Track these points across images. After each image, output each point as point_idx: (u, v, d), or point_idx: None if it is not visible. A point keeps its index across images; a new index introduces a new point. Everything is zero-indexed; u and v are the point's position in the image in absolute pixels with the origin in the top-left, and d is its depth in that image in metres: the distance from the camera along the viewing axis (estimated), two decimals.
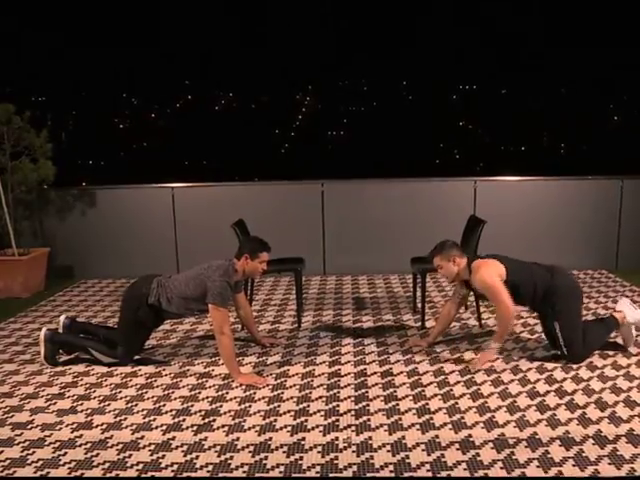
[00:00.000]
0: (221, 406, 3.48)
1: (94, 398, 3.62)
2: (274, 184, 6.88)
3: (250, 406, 3.47)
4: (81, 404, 3.54)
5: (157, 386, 3.78)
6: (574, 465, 2.79)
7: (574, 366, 3.93)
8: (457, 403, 3.44)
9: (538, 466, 2.78)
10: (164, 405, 3.51)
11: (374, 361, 4.09)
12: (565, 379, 3.75)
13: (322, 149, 52.95)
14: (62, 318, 4.37)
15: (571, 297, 3.95)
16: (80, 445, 3.06)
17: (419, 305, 4.92)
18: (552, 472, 2.73)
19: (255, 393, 3.64)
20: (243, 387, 3.72)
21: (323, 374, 3.89)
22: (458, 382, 3.73)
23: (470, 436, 3.07)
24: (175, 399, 3.58)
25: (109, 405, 3.52)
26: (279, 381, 3.80)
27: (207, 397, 3.60)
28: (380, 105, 63.16)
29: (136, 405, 3.51)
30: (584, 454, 2.88)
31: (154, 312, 4.02)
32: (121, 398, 3.61)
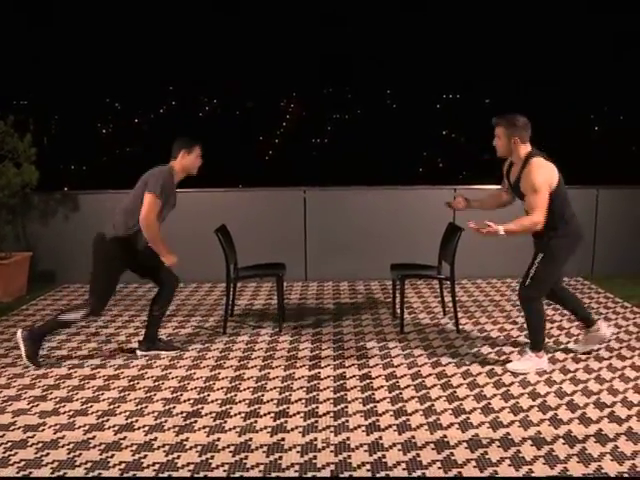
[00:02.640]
0: (202, 408, 3.54)
1: (76, 400, 3.65)
2: (256, 190, 6.95)
3: (231, 408, 3.53)
4: (63, 406, 3.58)
5: (139, 388, 3.83)
6: (544, 464, 2.89)
7: (547, 369, 4.05)
8: (433, 405, 3.53)
9: (510, 465, 2.88)
10: (146, 407, 3.56)
11: (353, 365, 4.17)
12: (538, 382, 3.86)
13: (306, 156, 53.15)
14: (19, 333, 4.19)
15: (569, 248, 3.89)
16: (63, 446, 3.10)
17: (398, 310, 5.01)
18: (523, 471, 2.83)
19: (236, 395, 3.70)
20: (224, 390, 3.78)
21: (303, 377, 3.97)
22: (435, 385, 3.82)
23: (445, 436, 3.16)
24: (157, 401, 3.63)
25: (91, 407, 3.56)
26: (260, 384, 3.87)
27: (189, 399, 3.65)
28: (364, 113, 63.53)
29: (118, 407, 3.56)
30: (554, 453, 2.98)
31: (119, 245, 4.10)
32: (103, 400, 3.65)
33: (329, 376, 3.98)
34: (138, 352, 4.42)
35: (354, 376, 3.97)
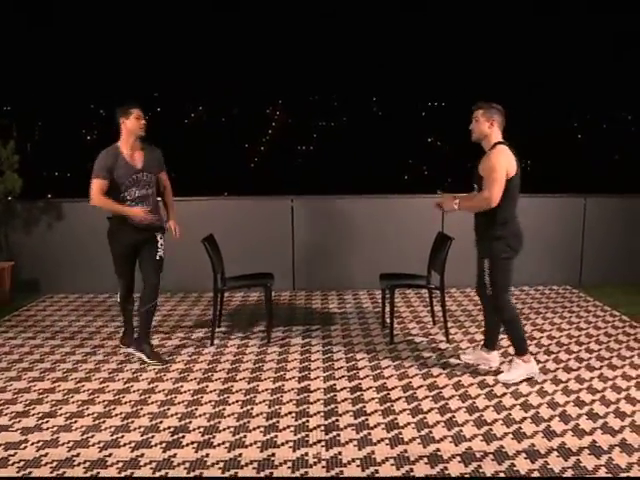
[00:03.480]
0: (190, 422, 3.46)
1: (60, 415, 3.56)
2: (243, 199, 6.88)
3: (219, 422, 3.46)
4: (46, 421, 3.48)
5: (125, 402, 3.74)
6: (539, 478, 2.85)
7: (539, 380, 4.02)
8: (425, 418, 3.48)
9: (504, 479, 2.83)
10: (132, 422, 3.47)
11: (343, 377, 4.11)
12: (530, 393, 3.82)
13: (291, 163, 53.15)
14: (129, 349, 4.64)
15: (508, 248, 3.90)
16: (45, 464, 3.01)
17: (388, 320, 4.96)
18: None
19: (225, 409, 3.62)
20: (213, 403, 3.71)
21: (293, 390, 3.90)
22: (426, 397, 3.78)
23: (438, 450, 3.11)
24: (144, 415, 3.55)
25: (75, 422, 3.47)
26: (249, 397, 3.80)
27: (176, 413, 3.57)
28: (350, 120, 63.69)
29: (104, 422, 3.47)
30: (549, 466, 2.94)
31: (110, 225, 4.48)
32: (88, 415, 3.56)
33: (319, 388, 3.92)
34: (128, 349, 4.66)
35: (344, 388, 3.91)
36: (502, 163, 3.76)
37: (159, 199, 4.60)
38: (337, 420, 3.46)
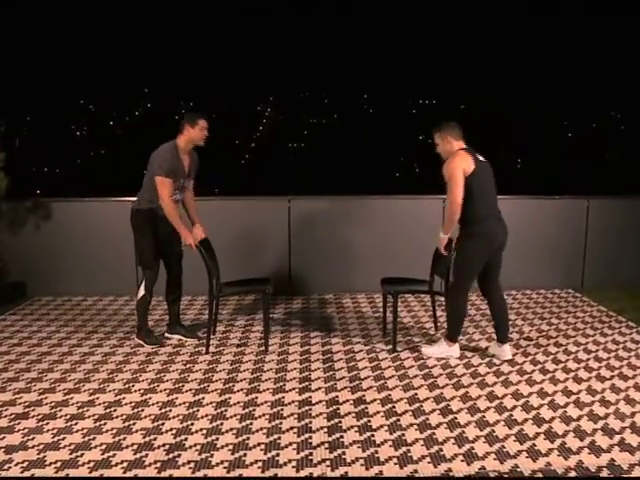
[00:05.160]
0: (186, 439, 3.27)
1: (47, 431, 3.35)
2: (238, 199, 6.66)
3: (217, 439, 3.27)
4: (32, 438, 3.27)
5: (116, 417, 3.54)
6: None
7: (549, 391, 3.87)
8: (434, 434, 3.31)
9: None
10: (124, 438, 3.27)
11: (346, 388, 3.93)
12: (542, 405, 3.67)
13: (282, 161, 52.85)
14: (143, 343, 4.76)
15: (478, 248, 4.17)
16: None
17: (389, 326, 4.79)
18: None
19: (222, 424, 3.44)
20: (209, 418, 3.52)
21: (293, 402, 3.72)
22: (434, 410, 3.60)
23: (450, 470, 2.94)
24: (136, 432, 3.35)
25: (64, 439, 3.26)
26: (247, 410, 3.61)
27: (171, 429, 3.38)
28: (340, 118, 63.45)
29: (94, 439, 3.27)
30: None
31: (141, 217, 4.54)
32: (77, 431, 3.36)
33: (321, 401, 3.73)
34: (166, 334, 4.92)
35: (347, 401, 3.73)
36: (456, 164, 4.06)
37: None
38: (342, 436, 3.28)
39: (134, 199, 4.73)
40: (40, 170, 49.32)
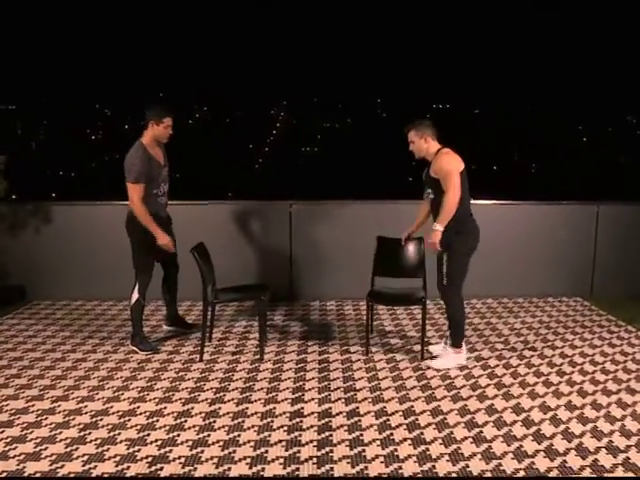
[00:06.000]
0: (170, 451, 3.16)
1: (29, 440, 3.26)
2: (239, 203, 6.53)
3: (202, 451, 3.16)
4: (14, 448, 3.18)
5: (102, 426, 3.44)
6: None
7: (552, 405, 3.71)
8: (428, 449, 3.17)
9: None
10: (108, 449, 3.17)
11: (340, 399, 3.80)
12: (543, 420, 3.51)
13: (295, 165, 52.83)
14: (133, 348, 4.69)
15: (469, 244, 4.18)
16: None
17: (388, 336, 4.66)
18: None
19: (209, 436, 3.32)
20: (197, 429, 3.40)
21: (284, 414, 3.60)
22: (429, 424, 3.46)
23: None
24: (120, 442, 3.25)
25: (46, 449, 3.16)
26: (236, 422, 3.49)
27: (156, 440, 3.27)
28: (354, 122, 63.38)
29: (76, 449, 3.16)
30: None
31: (136, 220, 4.46)
32: (60, 440, 3.25)
33: (313, 413, 3.61)
34: (164, 327, 5.08)
35: (340, 413, 3.60)
36: (450, 159, 4.09)
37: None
38: (331, 451, 3.15)
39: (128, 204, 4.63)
40: (55, 173, 49.75)
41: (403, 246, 4.80)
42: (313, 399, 3.80)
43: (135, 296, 4.60)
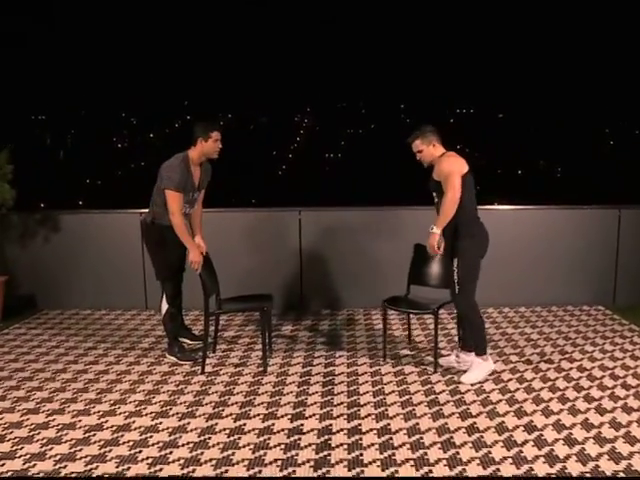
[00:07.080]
0: (161, 470, 3.03)
1: (19, 457, 3.16)
2: (248, 211, 6.43)
3: (193, 471, 3.02)
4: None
5: (93, 442, 3.33)
6: None
7: (567, 424, 3.50)
8: (432, 471, 2.99)
9: None
10: (97, 467, 3.06)
11: (342, 415, 3.64)
12: (557, 440, 3.30)
13: (319, 171, 52.76)
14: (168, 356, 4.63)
15: (479, 247, 4.07)
16: None
17: (399, 347, 4.48)
18: None
19: (202, 454, 3.19)
20: (190, 446, 3.27)
21: (283, 431, 3.44)
22: (434, 443, 3.28)
23: None
24: (110, 460, 3.13)
25: (34, 467, 3.06)
26: (232, 439, 3.35)
27: (147, 458, 3.15)
28: (378, 128, 63.11)
29: (65, 467, 3.05)
30: None
31: (155, 230, 4.33)
32: (50, 457, 3.15)
33: (313, 429, 3.45)
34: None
35: (341, 430, 3.44)
36: (452, 161, 4.00)
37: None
38: (328, 472, 2.99)
39: (143, 211, 4.55)
40: (82, 181, 50.39)
41: (439, 256, 4.32)
42: (314, 415, 3.64)
43: (164, 307, 4.51)
